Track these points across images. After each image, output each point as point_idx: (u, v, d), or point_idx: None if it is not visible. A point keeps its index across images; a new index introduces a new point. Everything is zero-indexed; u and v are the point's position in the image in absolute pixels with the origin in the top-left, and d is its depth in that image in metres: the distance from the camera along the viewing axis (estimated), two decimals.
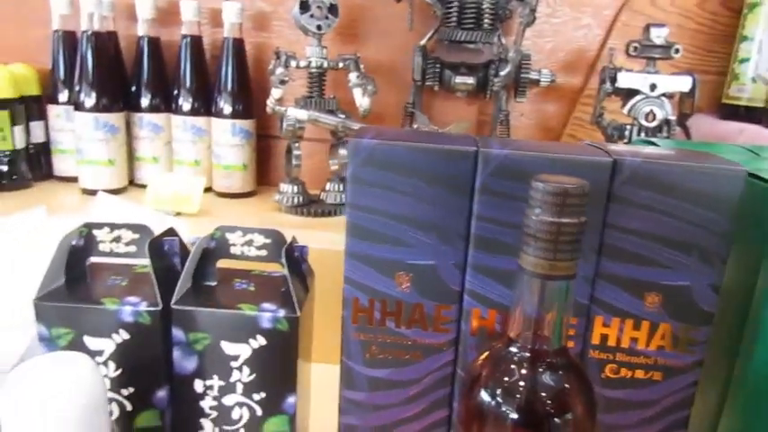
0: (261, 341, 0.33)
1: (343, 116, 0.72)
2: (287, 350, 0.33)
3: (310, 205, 0.74)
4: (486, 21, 0.72)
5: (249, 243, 0.35)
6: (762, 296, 0.33)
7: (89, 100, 0.75)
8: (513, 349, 0.27)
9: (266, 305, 0.33)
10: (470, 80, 0.74)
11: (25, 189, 0.79)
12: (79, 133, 0.76)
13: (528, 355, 0.27)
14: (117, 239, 0.35)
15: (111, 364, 0.34)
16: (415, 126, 0.65)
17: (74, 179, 0.81)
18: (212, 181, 0.80)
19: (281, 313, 0.33)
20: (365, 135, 0.32)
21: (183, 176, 0.73)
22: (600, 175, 0.30)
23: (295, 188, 0.74)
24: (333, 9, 0.70)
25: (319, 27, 0.70)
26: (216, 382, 0.34)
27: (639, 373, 0.33)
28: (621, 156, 0.31)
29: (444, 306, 0.33)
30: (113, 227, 0.35)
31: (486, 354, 0.29)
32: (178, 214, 0.70)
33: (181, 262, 0.36)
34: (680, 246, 0.31)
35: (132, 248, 0.35)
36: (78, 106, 0.75)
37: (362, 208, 0.32)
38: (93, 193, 0.76)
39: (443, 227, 0.32)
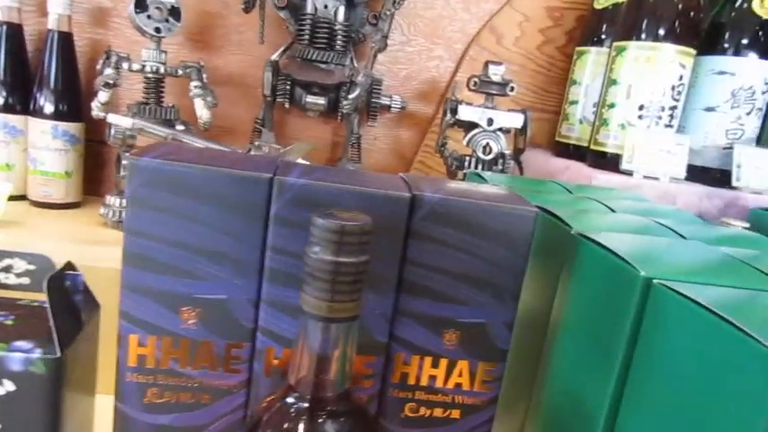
0: (9, 386, 0.28)
1: (182, 127, 0.67)
2: (46, 398, 0.29)
3: None
4: (338, 42, 0.71)
5: (8, 269, 0.30)
6: (554, 328, 0.34)
7: None
8: (291, 400, 0.25)
9: (20, 344, 0.28)
10: (321, 100, 0.73)
11: None
12: None
13: (306, 405, 0.25)
14: (7, 269, 0.29)
15: None
16: (256, 143, 0.63)
17: None
18: (27, 188, 0.71)
19: (37, 354, 0.28)
20: (148, 153, 0.28)
21: None
22: (399, 209, 0.29)
23: (123, 201, 0.67)
24: (174, 12, 0.66)
25: (158, 30, 0.65)
26: None
27: (438, 412, 0.33)
28: (421, 191, 0.30)
29: (236, 344, 0.30)
30: (3, 254, 0.29)
31: (267, 402, 0.27)
32: None
33: (84, 299, 0.30)
34: (475, 283, 0.31)
35: (26, 280, 0.29)
36: None
37: (143, 234, 0.28)
38: None
39: (236, 258, 0.29)
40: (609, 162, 0.69)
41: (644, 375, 0.25)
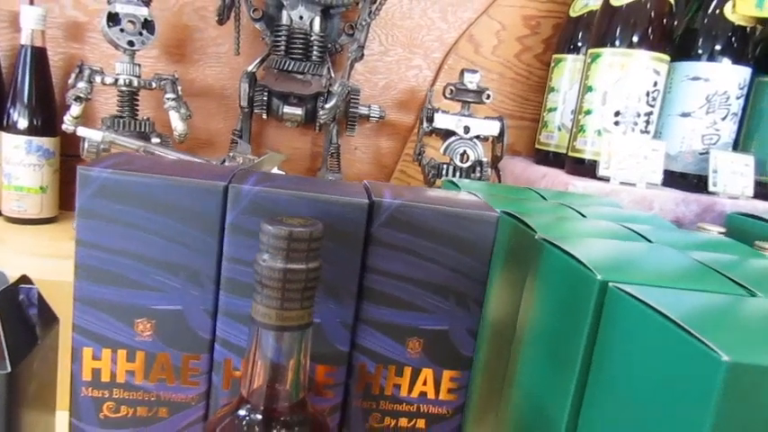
0: None
1: (158, 140, 0.67)
2: None
3: None
4: (315, 52, 0.71)
5: None
6: (519, 334, 0.34)
7: None
8: (243, 412, 0.25)
9: None
10: (299, 111, 0.73)
11: None
12: None
13: (259, 417, 0.25)
14: None
15: None
16: (231, 154, 0.62)
17: None
18: (2, 204, 0.70)
19: None
20: (99, 164, 0.28)
21: None
22: (357, 216, 0.29)
23: None
24: (148, 25, 0.65)
25: (131, 43, 0.64)
26: None
27: (403, 422, 0.32)
28: (381, 197, 0.30)
29: (193, 356, 0.30)
30: None
31: (219, 414, 0.26)
32: None
33: (39, 314, 0.30)
34: (437, 289, 0.31)
35: None
36: None
37: (95, 246, 0.28)
38: None
39: (191, 268, 0.29)
40: (587, 169, 0.69)
41: (602, 379, 0.25)
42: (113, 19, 0.63)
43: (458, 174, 0.67)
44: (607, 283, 0.25)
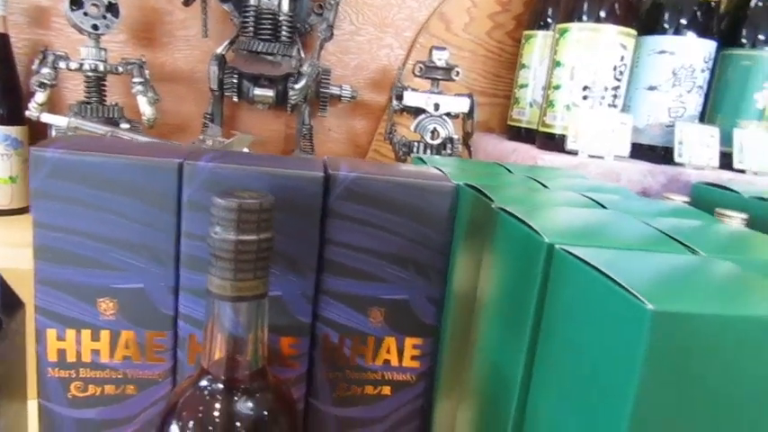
0: None
1: (127, 125, 0.66)
2: None
3: None
4: (284, 33, 0.71)
5: None
6: (479, 302, 0.35)
7: None
8: (204, 382, 0.25)
9: None
10: (269, 93, 0.72)
11: None
12: None
13: (220, 386, 0.25)
14: None
15: None
16: (201, 137, 0.62)
17: None
18: None
19: None
20: (53, 145, 0.28)
21: None
22: (312, 189, 0.30)
23: None
24: (112, 8, 0.64)
25: (95, 27, 0.64)
26: None
27: (369, 389, 0.33)
28: (337, 170, 0.30)
29: (157, 333, 0.30)
30: None
31: (182, 387, 0.27)
32: None
33: (2, 298, 0.30)
34: (397, 260, 0.31)
35: None
36: None
37: (53, 227, 0.28)
38: None
39: (151, 246, 0.29)
40: (557, 144, 0.69)
41: (551, 337, 0.26)
42: (76, 2, 0.62)
43: (429, 151, 0.67)
44: (553, 245, 0.26)
